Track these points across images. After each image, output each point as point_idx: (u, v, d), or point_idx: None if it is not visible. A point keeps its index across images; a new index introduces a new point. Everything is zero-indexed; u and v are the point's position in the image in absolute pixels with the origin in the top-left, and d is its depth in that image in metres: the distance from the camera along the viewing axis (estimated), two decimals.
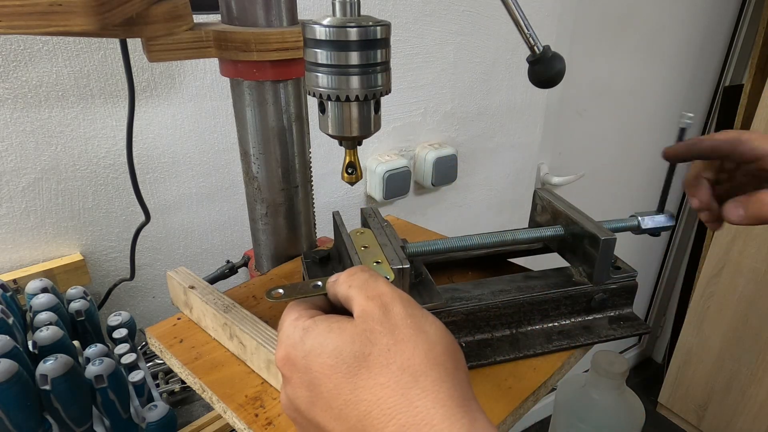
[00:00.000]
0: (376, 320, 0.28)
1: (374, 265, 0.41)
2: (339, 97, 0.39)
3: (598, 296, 0.46)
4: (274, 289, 0.36)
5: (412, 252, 0.46)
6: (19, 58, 0.63)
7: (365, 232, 0.47)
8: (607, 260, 0.45)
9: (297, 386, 0.29)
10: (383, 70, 0.39)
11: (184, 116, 0.77)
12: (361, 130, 0.41)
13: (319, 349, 0.28)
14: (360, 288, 0.30)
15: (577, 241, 0.47)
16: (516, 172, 1.32)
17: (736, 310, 1.75)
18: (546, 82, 0.49)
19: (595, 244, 0.44)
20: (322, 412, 0.27)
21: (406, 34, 0.96)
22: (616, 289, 0.47)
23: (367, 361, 0.27)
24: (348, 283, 0.30)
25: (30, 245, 0.71)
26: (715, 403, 1.89)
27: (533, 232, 0.50)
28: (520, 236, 0.49)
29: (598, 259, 0.44)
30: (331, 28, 0.37)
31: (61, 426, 0.49)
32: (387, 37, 0.39)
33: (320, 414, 0.27)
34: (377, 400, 0.26)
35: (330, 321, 0.29)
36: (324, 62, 0.38)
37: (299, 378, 0.28)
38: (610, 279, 0.46)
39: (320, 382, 0.27)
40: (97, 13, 0.34)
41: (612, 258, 0.46)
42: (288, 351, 0.29)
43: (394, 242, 0.44)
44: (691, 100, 1.85)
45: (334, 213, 0.51)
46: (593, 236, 0.44)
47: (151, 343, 0.48)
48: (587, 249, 0.46)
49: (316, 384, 0.28)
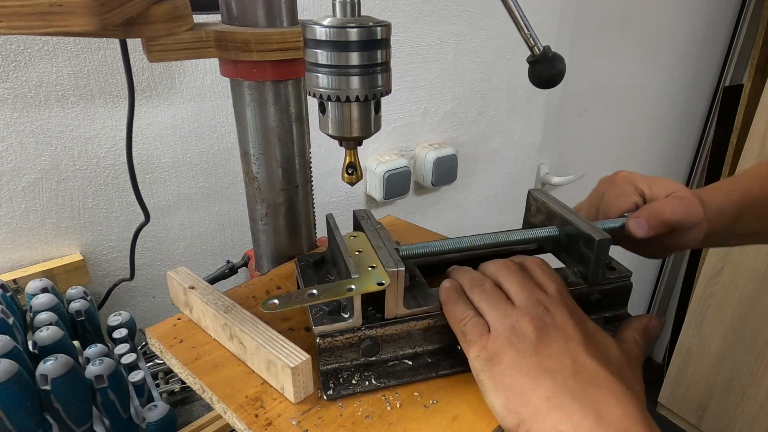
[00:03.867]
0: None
1: (369, 269, 0.40)
2: (339, 97, 0.39)
3: (594, 297, 0.46)
4: (270, 299, 0.36)
5: (404, 254, 0.46)
6: (19, 58, 0.63)
7: (358, 235, 0.47)
8: (601, 261, 0.45)
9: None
10: (383, 70, 0.39)
11: (184, 116, 0.77)
12: (362, 130, 0.41)
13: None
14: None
15: (571, 242, 0.47)
16: (516, 172, 1.32)
17: (736, 310, 1.75)
18: (546, 82, 0.49)
19: (590, 245, 0.44)
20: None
21: (406, 34, 0.96)
22: (611, 289, 0.47)
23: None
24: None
25: (30, 245, 0.71)
26: (715, 403, 1.89)
27: (527, 233, 0.50)
28: (514, 237, 0.49)
29: (592, 260, 0.44)
30: (332, 28, 0.37)
31: (61, 426, 0.49)
32: (387, 38, 0.39)
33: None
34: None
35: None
36: (324, 63, 0.38)
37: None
38: (605, 280, 0.46)
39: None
40: (97, 13, 0.34)
41: (607, 259, 0.46)
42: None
43: (388, 245, 0.44)
44: (691, 100, 1.85)
45: (327, 216, 0.50)
46: (588, 237, 0.44)
47: (151, 343, 0.48)
48: (582, 250, 0.45)
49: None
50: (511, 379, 0.36)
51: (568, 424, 0.33)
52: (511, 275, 0.42)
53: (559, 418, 0.33)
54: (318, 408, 0.39)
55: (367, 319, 0.41)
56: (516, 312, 0.39)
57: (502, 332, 0.38)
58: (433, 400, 0.40)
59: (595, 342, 0.38)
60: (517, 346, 0.37)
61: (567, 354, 0.36)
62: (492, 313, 0.39)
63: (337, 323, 0.40)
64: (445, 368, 0.42)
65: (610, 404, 0.33)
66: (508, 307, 0.39)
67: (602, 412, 0.33)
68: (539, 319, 0.38)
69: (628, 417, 0.32)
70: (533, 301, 0.39)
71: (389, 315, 0.41)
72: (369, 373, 0.41)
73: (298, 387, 0.39)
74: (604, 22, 1.38)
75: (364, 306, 0.41)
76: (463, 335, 0.40)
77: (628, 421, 0.32)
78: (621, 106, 1.59)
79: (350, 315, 0.40)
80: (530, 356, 0.36)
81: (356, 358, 0.41)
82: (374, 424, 0.38)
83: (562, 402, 0.33)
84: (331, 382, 0.40)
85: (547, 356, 0.36)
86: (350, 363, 0.41)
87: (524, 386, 0.35)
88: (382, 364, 0.42)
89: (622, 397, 0.34)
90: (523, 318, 0.38)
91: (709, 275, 1.79)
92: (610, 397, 0.34)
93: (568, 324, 0.38)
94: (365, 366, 0.42)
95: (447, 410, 0.39)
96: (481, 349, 0.38)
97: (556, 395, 0.34)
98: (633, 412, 0.33)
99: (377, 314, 0.42)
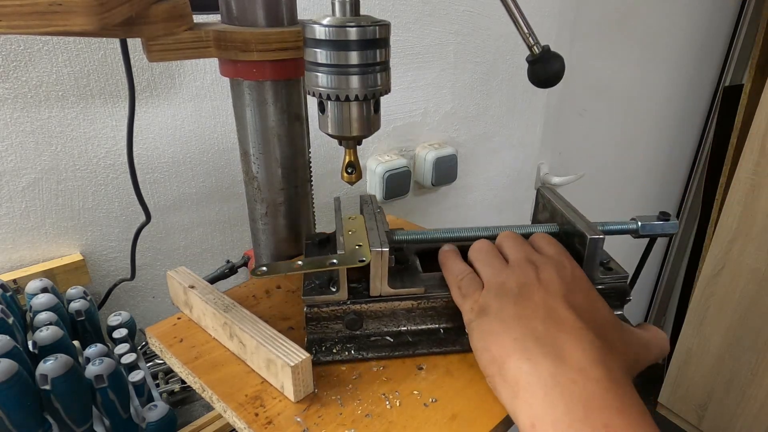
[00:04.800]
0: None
1: (356, 247, 0.43)
2: (339, 96, 0.39)
3: None
4: (260, 267, 0.40)
5: (399, 239, 0.48)
6: (19, 58, 0.63)
7: (357, 217, 0.49)
8: (594, 260, 0.45)
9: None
10: (383, 69, 0.40)
11: (184, 116, 0.77)
12: (361, 129, 0.42)
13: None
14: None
15: (569, 240, 0.48)
16: (516, 172, 1.32)
17: (736, 310, 1.75)
18: (545, 81, 0.50)
19: (583, 243, 0.45)
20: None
21: (406, 34, 0.96)
22: (605, 289, 0.47)
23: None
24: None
25: (30, 245, 0.71)
26: (715, 403, 1.89)
27: (524, 229, 0.50)
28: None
29: (585, 258, 0.45)
30: (331, 27, 0.37)
31: (61, 426, 0.49)
32: (387, 37, 0.39)
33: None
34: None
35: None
36: (324, 62, 0.38)
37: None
38: (599, 279, 0.46)
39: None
40: (97, 13, 0.34)
41: (601, 258, 0.46)
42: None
43: (380, 227, 0.46)
44: (691, 100, 1.85)
45: (335, 198, 0.53)
46: (582, 235, 0.45)
47: (151, 342, 0.48)
48: (577, 248, 0.46)
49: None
50: (490, 325, 0.39)
51: (528, 363, 0.35)
52: (510, 239, 0.46)
53: (521, 357, 0.36)
54: (318, 406, 0.39)
55: (354, 295, 0.44)
56: (507, 270, 0.42)
57: (493, 287, 0.41)
58: (433, 399, 0.40)
59: (579, 296, 0.41)
60: (502, 299, 0.40)
61: (543, 304, 0.39)
62: (486, 270, 0.43)
63: (324, 295, 0.43)
64: (423, 348, 0.44)
65: (572, 348, 0.36)
66: (503, 266, 0.43)
67: (564, 354, 0.35)
68: (526, 275, 0.41)
69: (586, 358, 0.35)
70: (525, 260, 0.43)
71: (374, 293, 0.44)
72: (351, 345, 0.44)
73: (298, 386, 0.39)
74: (604, 22, 1.38)
75: (355, 284, 0.44)
76: (459, 290, 0.43)
77: (585, 361, 0.35)
78: (621, 106, 1.59)
79: (337, 289, 0.43)
80: (510, 306, 0.40)
81: (340, 330, 0.44)
82: (374, 423, 0.38)
83: (527, 345, 0.37)
84: (314, 349, 0.44)
85: (524, 306, 0.39)
86: (335, 334, 0.44)
87: (499, 330, 0.38)
88: (365, 338, 0.45)
89: (586, 343, 0.36)
90: (512, 275, 0.42)
91: (709, 275, 1.79)
92: (574, 341, 0.36)
93: (553, 279, 0.41)
94: (348, 338, 0.45)
95: (446, 408, 0.39)
96: (474, 302, 0.41)
97: (522, 338, 0.37)
98: (594, 355, 0.35)
99: (365, 291, 0.44)
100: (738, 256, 1.70)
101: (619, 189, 1.78)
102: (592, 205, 1.66)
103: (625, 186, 1.80)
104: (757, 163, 1.60)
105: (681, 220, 2.14)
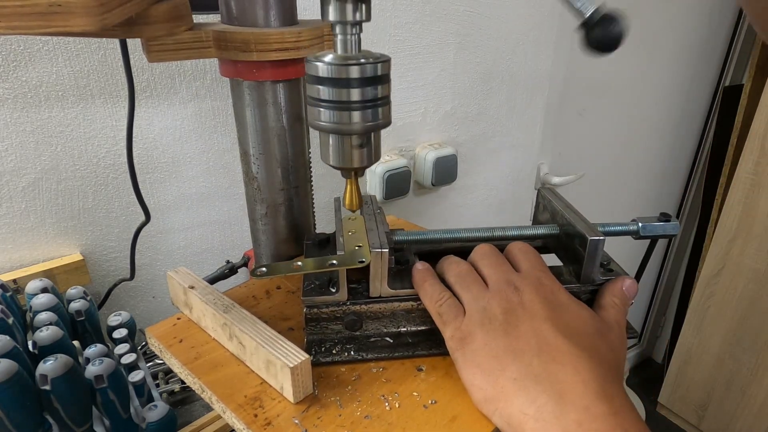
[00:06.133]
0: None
1: (356, 248, 0.43)
2: (341, 131, 0.39)
3: (585, 297, 0.46)
4: (259, 266, 0.40)
5: (399, 240, 0.48)
6: (19, 58, 0.63)
7: (357, 218, 0.49)
8: (594, 260, 0.45)
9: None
10: (384, 104, 0.40)
11: (184, 116, 0.77)
12: (362, 161, 0.42)
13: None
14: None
15: (569, 241, 0.48)
16: (516, 172, 1.32)
17: (736, 310, 1.75)
18: (610, 43, 0.43)
19: (583, 243, 0.45)
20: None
21: (406, 34, 0.96)
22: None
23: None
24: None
25: (30, 245, 0.71)
26: (715, 403, 1.89)
27: (525, 230, 0.50)
28: (510, 233, 0.50)
29: (585, 259, 0.45)
30: (333, 65, 0.37)
31: (61, 426, 0.49)
32: (387, 73, 0.39)
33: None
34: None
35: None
36: (325, 98, 0.38)
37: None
38: (598, 280, 0.46)
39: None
40: (97, 13, 0.34)
41: (600, 259, 0.46)
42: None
43: (380, 228, 0.46)
44: (691, 100, 1.85)
45: (335, 198, 0.53)
46: (582, 236, 0.45)
47: (151, 343, 0.48)
48: (577, 249, 0.46)
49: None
50: (481, 359, 0.38)
51: (532, 407, 0.35)
52: (486, 257, 0.44)
53: (524, 401, 0.35)
54: (317, 408, 0.39)
55: (354, 296, 0.44)
56: (487, 294, 0.41)
57: (474, 314, 0.40)
58: (433, 400, 0.40)
59: (564, 316, 0.40)
60: (487, 328, 0.39)
61: (533, 333, 0.38)
62: (465, 295, 0.42)
63: (323, 296, 0.43)
64: (423, 349, 0.44)
65: (571, 383, 0.35)
66: (481, 290, 0.42)
67: (564, 391, 0.35)
68: (508, 300, 0.40)
69: (588, 393, 0.35)
70: (504, 281, 0.42)
71: (373, 293, 0.44)
72: (350, 346, 0.44)
73: (297, 387, 0.39)
74: None
75: (355, 284, 0.44)
76: (439, 316, 0.42)
77: (588, 397, 0.34)
78: (621, 106, 1.59)
79: (337, 290, 0.43)
80: (500, 338, 0.38)
81: (340, 331, 0.44)
82: (373, 424, 0.38)
83: (527, 385, 0.36)
84: (314, 350, 0.43)
85: (515, 337, 0.38)
86: (335, 335, 0.45)
87: (493, 367, 0.37)
88: (365, 339, 0.45)
89: (585, 373, 0.36)
90: (493, 300, 0.41)
91: (709, 275, 1.79)
92: (572, 375, 0.36)
93: (536, 301, 0.40)
94: (348, 339, 0.45)
95: (446, 410, 0.39)
96: (455, 329, 0.41)
97: (521, 377, 0.36)
98: (594, 387, 0.35)
99: (365, 292, 0.44)
100: (738, 256, 1.70)
101: (619, 188, 1.78)
102: (592, 205, 1.66)
103: (625, 185, 1.79)
104: (757, 163, 1.60)
105: (681, 220, 2.14)
